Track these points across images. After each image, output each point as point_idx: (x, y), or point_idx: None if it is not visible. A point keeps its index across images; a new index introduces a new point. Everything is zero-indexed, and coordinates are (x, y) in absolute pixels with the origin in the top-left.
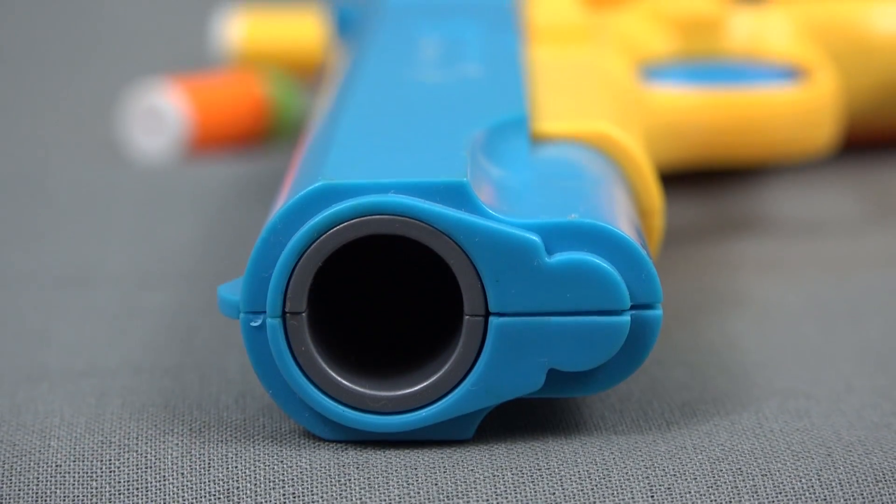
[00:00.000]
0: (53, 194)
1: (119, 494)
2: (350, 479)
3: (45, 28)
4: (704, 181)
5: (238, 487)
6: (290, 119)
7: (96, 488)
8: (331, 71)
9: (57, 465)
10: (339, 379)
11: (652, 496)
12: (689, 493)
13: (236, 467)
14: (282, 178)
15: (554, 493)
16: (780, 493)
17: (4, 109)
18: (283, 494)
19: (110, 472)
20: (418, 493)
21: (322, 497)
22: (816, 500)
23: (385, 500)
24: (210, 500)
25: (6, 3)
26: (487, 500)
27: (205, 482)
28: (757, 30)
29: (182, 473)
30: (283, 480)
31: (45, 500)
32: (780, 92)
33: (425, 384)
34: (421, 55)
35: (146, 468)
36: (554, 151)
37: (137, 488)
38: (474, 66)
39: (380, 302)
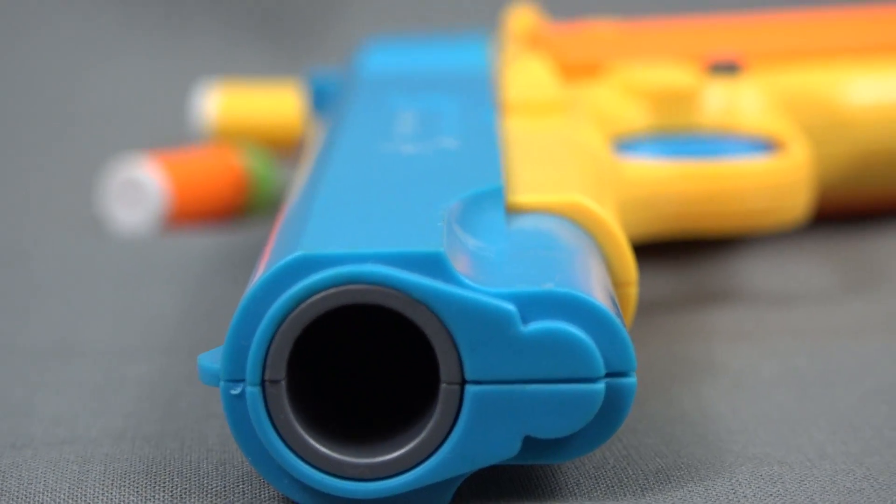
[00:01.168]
0: (36, 268)
1: None
2: None
3: (26, 105)
4: (678, 251)
5: None
6: (268, 191)
7: None
8: (308, 145)
9: None
10: (317, 446)
11: None
12: None
13: None
14: (261, 249)
15: None
16: None
17: None
18: None
19: None
20: None
21: None
22: None
23: None
24: None
25: None
26: None
27: None
28: (731, 102)
29: None
30: None
31: None
32: (754, 164)
33: (403, 451)
34: (398, 128)
35: None
36: (529, 222)
37: None
38: (451, 138)
39: (359, 368)
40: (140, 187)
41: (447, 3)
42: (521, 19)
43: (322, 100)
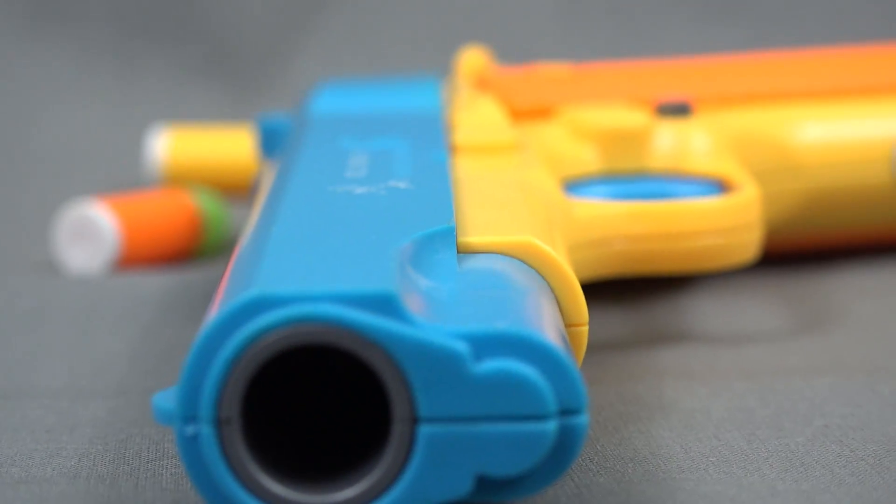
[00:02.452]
0: None
1: None
2: None
3: None
4: (629, 291)
5: None
6: (221, 232)
7: None
8: (260, 187)
9: None
10: (272, 485)
11: None
12: None
13: None
14: (215, 289)
15: None
16: None
17: None
18: None
19: None
20: None
21: None
22: None
23: None
24: None
25: None
26: None
27: None
28: (681, 144)
29: None
30: None
31: None
32: (704, 204)
33: (356, 490)
34: (350, 168)
35: None
36: (481, 262)
37: None
38: (403, 179)
39: (316, 404)
40: (91, 231)
41: (400, 47)
42: (470, 61)
43: (270, 142)
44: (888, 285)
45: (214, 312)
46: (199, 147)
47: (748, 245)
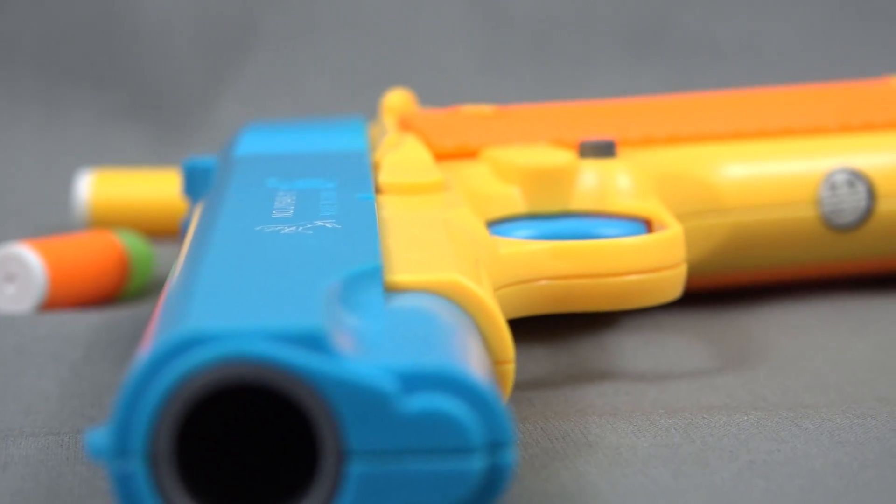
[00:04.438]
0: None
1: None
2: None
3: None
4: (554, 328)
5: None
6: (146, 272)
7: None
8: (189, 227)
9: None
10: None
11: None
12: None
13: None
14: (144, 327)
15: None
16: None
17: None
18: None
19: None
20: None
21: None
22: None
23: None
24: None
25: None
26: None
27: None
28: (605, 184)
29: None
30: None
31: None
32: (628, 242)
33: None
34: (277, 209)
35: None
36: (407, 301)
37: None
38: (330, 218)
39: (249, 440)
40: (18, 272)
41: (325, 91)
42: (395, 103)
43: (195, 184)
44: (811, 322)
45: (146, 349)
46: (125, 190)
47: (672, 283)
